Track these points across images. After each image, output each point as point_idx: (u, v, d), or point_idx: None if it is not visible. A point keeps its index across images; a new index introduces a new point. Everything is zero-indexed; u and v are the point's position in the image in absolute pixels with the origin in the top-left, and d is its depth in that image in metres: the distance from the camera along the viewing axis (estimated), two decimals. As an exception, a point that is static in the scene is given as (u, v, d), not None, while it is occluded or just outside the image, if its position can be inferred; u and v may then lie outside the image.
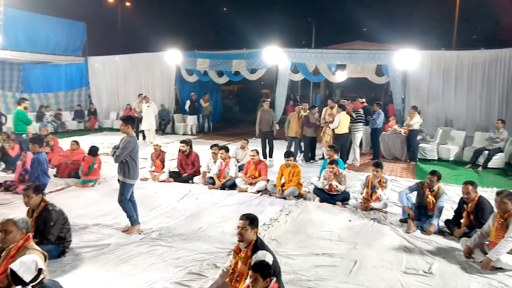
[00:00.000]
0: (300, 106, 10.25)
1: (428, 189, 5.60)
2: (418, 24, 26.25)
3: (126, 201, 5.27)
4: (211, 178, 7.75)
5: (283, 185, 7.09)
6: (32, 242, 3.52)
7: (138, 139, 12.67)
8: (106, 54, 17.44)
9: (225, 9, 30.06)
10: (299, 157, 10.26)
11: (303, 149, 10.33)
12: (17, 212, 4.68)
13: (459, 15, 21.20)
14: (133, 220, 5.34)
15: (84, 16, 18.16)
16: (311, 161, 10.15)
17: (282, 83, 13.71)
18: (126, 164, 5.16)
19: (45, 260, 3.32)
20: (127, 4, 24.82)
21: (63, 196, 6.92)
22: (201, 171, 8.14)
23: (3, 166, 8.90)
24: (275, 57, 13.16)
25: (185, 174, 8.12)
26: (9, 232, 3.44)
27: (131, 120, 5.35)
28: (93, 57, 17.45)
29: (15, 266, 2.88)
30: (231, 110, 21.00)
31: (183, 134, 15.02)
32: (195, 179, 8.01)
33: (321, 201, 6.68)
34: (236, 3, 27.97)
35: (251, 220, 3.42)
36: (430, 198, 5.55)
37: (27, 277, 2.83)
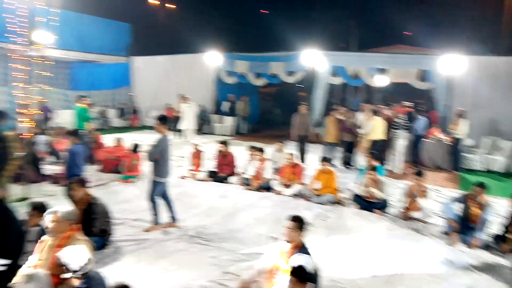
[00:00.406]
0: (338, 110, 10.10)
1: (473, 201, 5.36)
2: (464, 28, 25.14)
3: (154, 199, 5.38)
4: (247, 179, 7.80)
5: (317, 189, 7.01)
6: (79, 233, 3.67)
7: (177, 139, 13.11)
8: (149, 54, 17.98)
9: (264, 11, 30.18)
10: (336, 162, 10.10)
11: (341, 154, 10.17)
12: (65, 204, 4.91)
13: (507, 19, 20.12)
14: (155, 219, 5.43)
15: (129, 17, 18.81)
16: (349, 166, 9.98)
17: (320, 86, 13.59)
18: (157, 162, 5.29)
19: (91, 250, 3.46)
20: (171, 6, 25.47)
21: (106, 191, 7.18)
22: (238, 172, 8.21)
23: (53, 159, 9.33)
24: (313, 59, 13.06)
25: (222, 174, 8.22)
26: (57, 222, 3.60)
27: (165, 120, 5.52)
28: (137, 57, 18.04)
29: (64, 254, 3.02)
30: (269, 112, 20.96)
31: (221, 135, 15.19)
32: (232, 179, 8.09)
33: (359, 208, 6.56)
34: (275, 5, 28.00)
35: (300, 222, 3.42)
36: (475, 210, 5.31)
37: (74, 265, 2.96)
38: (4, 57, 9.36)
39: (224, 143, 8.42)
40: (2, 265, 1.47)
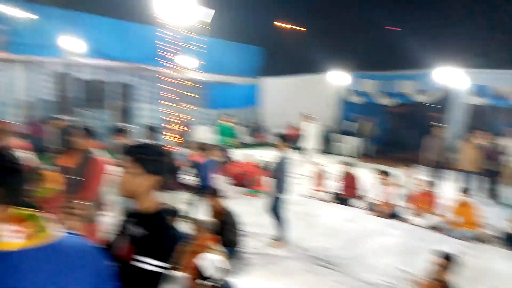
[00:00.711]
0: (478, 135, 8.99)
1: None
2: None
3: (277, 215, 5.50)
4: (374, 204, 7.43)
5: (456, 224, 6.29)
6: (216, 242, 3.96)
7: (299, 157, 13.29)
8: (277, 75, 18.85)
9: (393, 28, 28.90)
10: (476, 193, 8.96)
11: (481, 184, 8.99)
12: (201, 212, 5.38)
13: None
14: (279, 235, 5.52)
15: (260, 41, 20.05)
16: (495, 199, 8.73)
17: (457, 106, 12.36)
18: (278, 179, 5.43)
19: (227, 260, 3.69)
20: (301, 29, 26.28)
21: (235, 203, 7.60)
22: (361, 195, 7.90)
23: (191, 171, 10.31)
24: (449, 77, 11.97)
25: (346, 197, 8.00)
26: (196, 230, 3.95)
27: (285, 138, 5.70)
28: (265, 78, 19.11)
29: (202, 261, 3.28)
30: (398, 134, 19.78)
31: (345, 155, 14.88)
32: (356, 202, 7.82)
33: (510, 249, 5.66)
34: (404, 21, 26.64)
35: (451, 261, 3.15)
36: None
37: (210, 273, 3.19)
38: (154, 79, 10.84)
39: (347, 164, 8.24)
40: (160, 266, 1.67)
